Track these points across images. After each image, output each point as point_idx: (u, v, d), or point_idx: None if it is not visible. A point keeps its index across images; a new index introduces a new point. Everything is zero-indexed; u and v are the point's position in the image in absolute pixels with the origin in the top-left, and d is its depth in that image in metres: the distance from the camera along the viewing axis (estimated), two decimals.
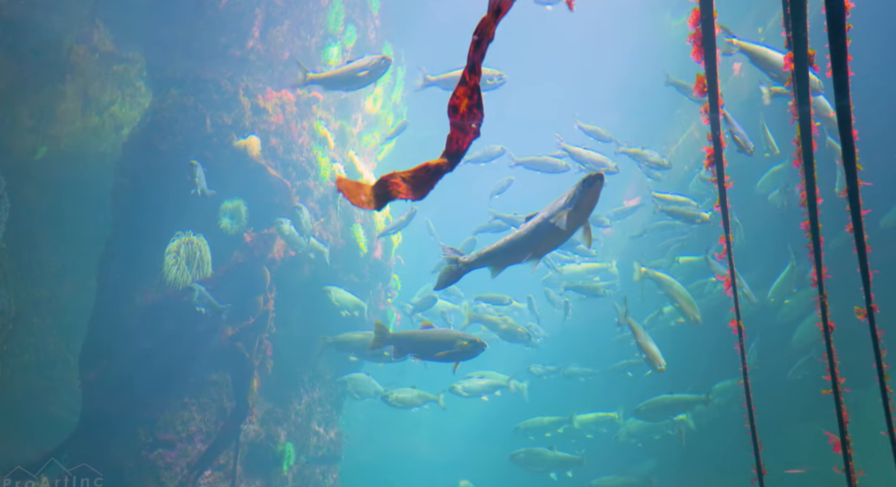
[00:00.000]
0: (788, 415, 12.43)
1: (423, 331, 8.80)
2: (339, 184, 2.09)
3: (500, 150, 12.35)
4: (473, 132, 1.89)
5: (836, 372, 3.20)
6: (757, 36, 12.88)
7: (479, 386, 14.72)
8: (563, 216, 4.65)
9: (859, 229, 2.71)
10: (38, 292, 14.62)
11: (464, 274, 5.53)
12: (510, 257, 5.24)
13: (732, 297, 4.10)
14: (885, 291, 3.59)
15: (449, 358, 8.53)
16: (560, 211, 4.68)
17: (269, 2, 13.00)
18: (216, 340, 12.19)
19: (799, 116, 3.20)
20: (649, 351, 9.91)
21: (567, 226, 4.67)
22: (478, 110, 1.89)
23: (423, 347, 8.71)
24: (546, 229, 4.82)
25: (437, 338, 8.60)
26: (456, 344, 8.39)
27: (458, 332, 8.68)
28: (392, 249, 16.20)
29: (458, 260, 5.44)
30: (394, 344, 8.90)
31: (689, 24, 3.66)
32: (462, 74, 1.91)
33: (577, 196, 4.63)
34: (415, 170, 1.96)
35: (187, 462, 11.47)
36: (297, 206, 12.30)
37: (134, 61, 13.93)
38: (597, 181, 4.59)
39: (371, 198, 2.02)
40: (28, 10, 11.92)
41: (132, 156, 12.25)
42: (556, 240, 4.94)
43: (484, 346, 8.47)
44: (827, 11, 2.50)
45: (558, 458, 14.64)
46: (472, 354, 8.52)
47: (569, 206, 4.63)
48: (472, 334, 8.63)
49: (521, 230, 5.09)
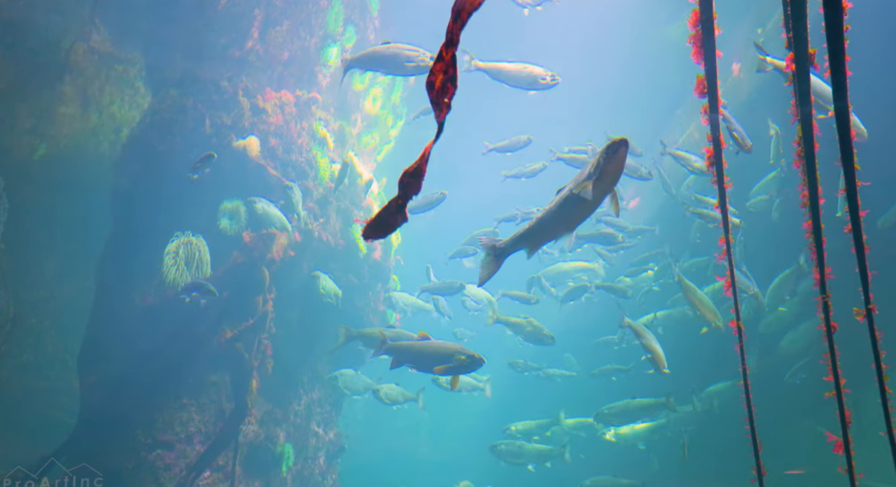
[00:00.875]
0: (785, 416, 12.43)
1: (421, 343, 8.74)
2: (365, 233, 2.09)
3: (526, 140, 12.21)
4: (447, 107, 1.88)
5: (839, 373, 3.19)
6: (756, 37, 12.88)
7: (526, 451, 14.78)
8: (588, 186, 4.51)
9: (858, 230, 2.70)
10: (37, 293, 14.59)
11: (504, 260, 5.37)
12: (544, 234, 5.12)
13: (732, 299, 4.09)
14: (883, 292, 3.59)
15: (446, 371, 8.47)
16: (585, 181, 4.54)
17: (269, 2, 12.99)
18: (215, 341, 12.18)
19: (800, 117, 3.20)
20: (654, 352, 9.90)
21: (593, 196, 4.53)
22: (451, 84, 1.88)
23: (420, 359, 8.64)
24: (573, 202, 4.69)
25: (435, 351, 8.54)
26: (454, 358, 8.33)
27: (456, 346, 8.60)
28: (391, 250, 16.20)
29: (495, 247, 5.27)
30: (391, 354, 8.82)
31: (689, 26, 3.66)
32: (439, 49, 1.90)
33: (601, 164, 4.47)
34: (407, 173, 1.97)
35: (186, 463, 11.45)
36: (288, 186, 12.16)
37: (133, 62, 13.92)
38: (621, 147, 4.41)
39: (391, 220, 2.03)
40: (27, 10, 11.91)
41: (131, 157, 12.24)
42: (585, 212, 4.79)
43: (482, 362, 8.41)
44: (825, 12, 2.49)
45: (537, 450, 14.80)
46: (470, 369, 8.47)
47: (593, 176, 4.49)
48: (470, 348, 8.54)
49: (550, 206, 4.95)
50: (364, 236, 2.05)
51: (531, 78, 8.94)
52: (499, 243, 5.29)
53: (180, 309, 11.72)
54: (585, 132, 12.48)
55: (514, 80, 9.02)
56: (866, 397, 3.70)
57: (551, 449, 14.86)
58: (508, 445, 14.75)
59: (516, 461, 14.88)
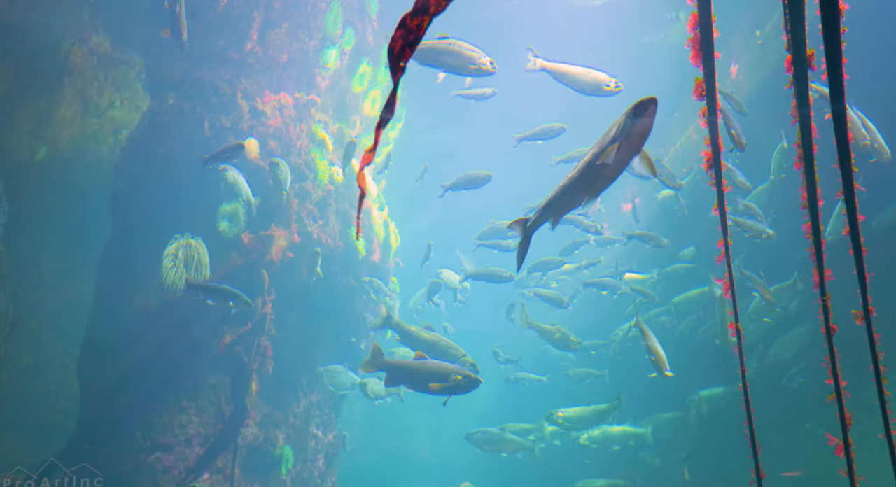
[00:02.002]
0: (785, 419, 12.45)
1: (417, 362, 8.67)
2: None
3: (559, 128, 12.05)
4: (401, 70, 1.89)
5: (839, 375, 3.19)
6: (755, 39, 12.90)
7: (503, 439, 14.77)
8: (612, 151, 4.18)
9: (856, 232, 2.70)
10: (37, 295, 14.58)
11: (532, 236, 5.18)
12: (568, 203, 4.85)
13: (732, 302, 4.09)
14: (880, 293, 3.59)
15: (442, 391, 8.39)
16: (609, 145, 4.21)
17: (268, 5, 13.00)
18: (214, 343, 12.19)
19: (799, 119, 3.20)
20: (657, 355, 9.93)
21: (618, 160, 4.22)
22: (409, 49, 1.88)
23: (416, 378, 8.56)
24: (596, 167, 4.38)
25: (431, 370, 8.47)
26: (451, 378, 8.27)
27: (452, 366, 8.55)
28: (390, 252, 16.20)
29: (524, 225, 5.08)
30: (387, 372, 8.74)
31: (688, 29, 3.66)
32: (403, 16, 1.90)
33: (627, 125, 4.12)
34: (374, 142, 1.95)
35: (185, 465, 11.45)
36: (273, 162, 11.91)
37: (132, 64, 13.92)
38: (650, 106, 4.05)
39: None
40: (26, 13, 11.92)
41: (130, 160, 12.24)
42: (610, 177, 4.48)
43: (479, 382, 8.35)
44: (822, 14, 2.50)
45: (511, 440, 14.86)
46: (467, 389, 8.37)
47: (618, 139, 4.14)
48: (466, 369, 8.50)
49: (573, 173, 4.66)
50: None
51: (596, 84, 8.72)
52: (528, 220, 5.11)
53: (179, 312, 11.72)
54: (584, 133, 12.45)
55: (578, 85, 8.76)
56: (864, 399, 3.70)
57: (524, 442, 14.96)
58: (484, 433, 14.80)
59: (491, 449, 14.91)
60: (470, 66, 8.32)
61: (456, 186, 12.41)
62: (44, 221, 13.94)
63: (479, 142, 21.33)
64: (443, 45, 8.33)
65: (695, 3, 3.59)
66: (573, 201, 4.81)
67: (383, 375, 8.94)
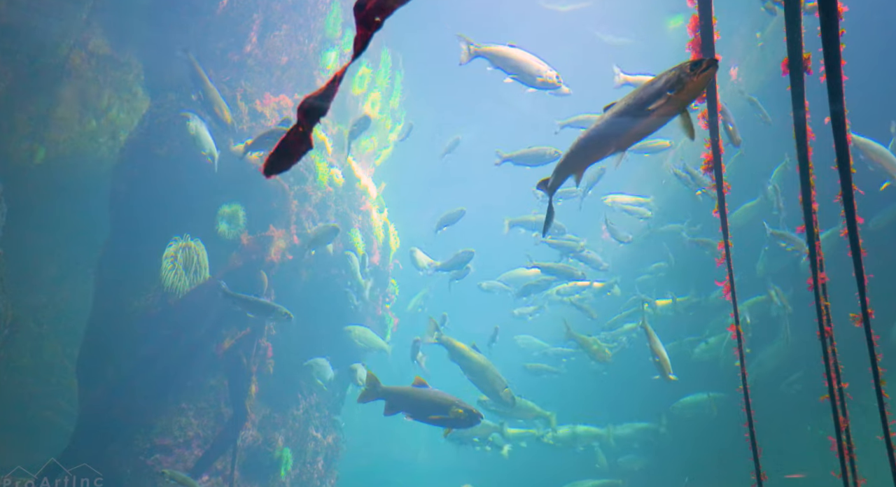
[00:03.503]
0: (778, 422, 12.49)
1: (417, 390, 8.47)
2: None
3: (553, 154, 12.15)
4: (377, 26, 1.78)
5: (833, 378, 3.19)
6: (755, 41, 12.90)
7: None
8: (661, 102, 3.73)
9: (854, 234, 2.70)
10: (36, 297, 14.57)
11: (553, 195, 4.79)
12: (592, 153, 4.30)
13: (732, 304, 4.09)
14: (877, 295, 3.59)
15: (441, 423, 8.24)
16: (657, 97, 3.75)
17: (267, 7, 13.00)
18: (214, 345, 12.18)
19: (794, 120, 3.20)
20: (661, 358, 9.93)
21: (663, 112, 3.81)
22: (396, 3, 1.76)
23: (416, 407, 8.36)
24: (637, 113, 3.89)
25: (431, 400, 8.28)
26: (451, 411, 8.10)
27: (452, 398, 8.32)
28: (390, 254, 16.20)
29: (547, 183, 4.68)
30: (386, 400, 8.50)
31: (689, 31, 3.66)
32: None
33: (685, 77, 3.66)
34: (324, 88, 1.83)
35: (184, 467, 11.43)
36: (184, 115, 11.47)
37: (131, 66, 13.91)
38: (711, 67, 3.66)
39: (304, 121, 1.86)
40: (25, 14, 11.92)
41: (130, 161, 12.24)
42: (646, 130, 3.97)
43: (479, 417, 8.19)
44: (820, 16, 2.50)
45: (484, 425, 14.69)
46: (467, 424, 8.22)
47: (670, 91, 3.69)
48: (468, 402, 8.28)
49: (604, 118, 4.10)
50: (266, 172, 1.85)
51: (534, 72, 8.57)
52: (548, 180, 4.70)
53: (179, 313, 11.71)
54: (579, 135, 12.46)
55: (514, 69, 8.60)
56: (862, 400, 3.70)
57: (494, 425, 14.93)
58: None
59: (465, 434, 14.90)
60: (537, 78, 8.38)
61: (517, 160, 12.50)
62: (43, 223, 13.94)
63: (477, 145, 21.32)
64: (513, 54, 8.42)
65: (695, 6, 3.59)
66: (600, 151, 4.25)
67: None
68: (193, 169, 12.18)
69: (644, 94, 3.80)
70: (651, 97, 3.74)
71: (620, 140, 4.06)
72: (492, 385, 10.07)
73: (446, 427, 8.35)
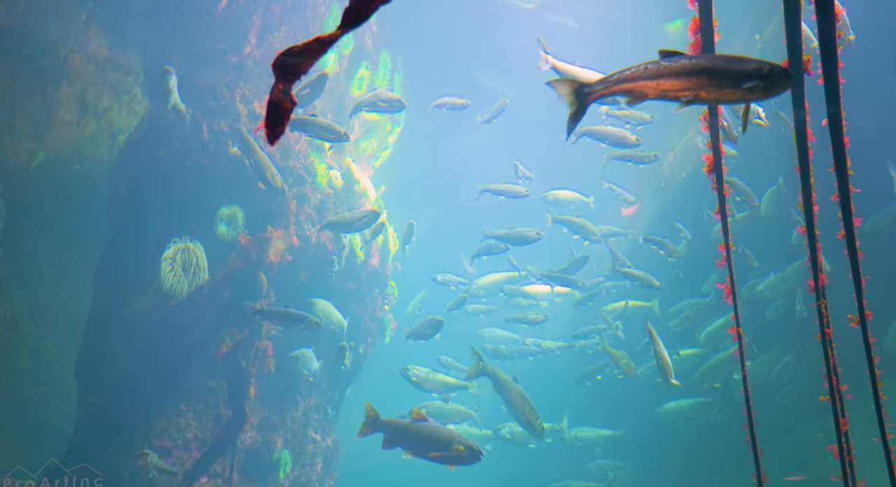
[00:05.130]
0: (785, 425, 12.52)
1: (417, 425, 8.28)
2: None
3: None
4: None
5: (833, 380, 3.18)
6: (754, 43, 12.91)
7: (435, 380, 14.20)
8: (756, 87, 3.27)
9: (851, 236, 2.70)
10: (35, 299, 14.57)
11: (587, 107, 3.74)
12: (664, 84, 3.53)
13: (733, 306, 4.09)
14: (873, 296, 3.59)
15: (441, 460, 8.10)
16: (749, 78, 3.29)
17: (267, 9, 13.00)
18: (213, 347, 12.17)
19: (794, 122, 3.20)
20: (665, 362, 9.98)
21: (733, 95, 3.37)
22: None
23: (416, 443, 8.22)
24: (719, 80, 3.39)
25: (431, 436, 8.16)
26: (452, 448, 7.96)
27: (453, 434, 8.22)
28: (389, 256, 16.18)
29: (582, 90, 3.64)
30: (385, 433, 8.33)
31: (689, 34, 3.66)
32: None
33: (775, 79, 3.24)
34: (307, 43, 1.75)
35: (183, 469, 11.42)
36: (166, 70, 11.07)
37: (131, 68, 13.92)
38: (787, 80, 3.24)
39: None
40: (24, 16, 11.93)
41: (129, 163, 12.23)
42: (717, 97, 3.48)
43: (480, 455, 8.04)
44: (817, 19, 2.50)
45: (457, 410, 14.94)
46: (468, 462, 8.06)
47: (759, 81, 3.26)
48: (470, 439, 8.15)
49: (682, 61, 3.49)
50: (269, 140, 1.79)
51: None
52: (586, 84, 3.66)
53: (178, 315, 11.71)
54: (580, 138, 12.44)
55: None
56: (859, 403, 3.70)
57: (468, 411, 15.06)
58: (430, 407, 14.61)
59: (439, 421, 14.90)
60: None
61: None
62: (42, 225, 13.94)
63: (479, 145, 21.34)
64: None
65: (696, 8, 3.59)
66: (666, 87, 3.57)
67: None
68: (192, 170, 12.19)
69: (732, 66, 3.39)
70: (741, 74, 3.34)
71: (693, 91, 3.50)
72: (527, 416, 10.27)
73: (447, 464, 8.16)
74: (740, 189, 10.84)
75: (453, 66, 18.84)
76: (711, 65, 3.41)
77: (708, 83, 3.39)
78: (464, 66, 19.46)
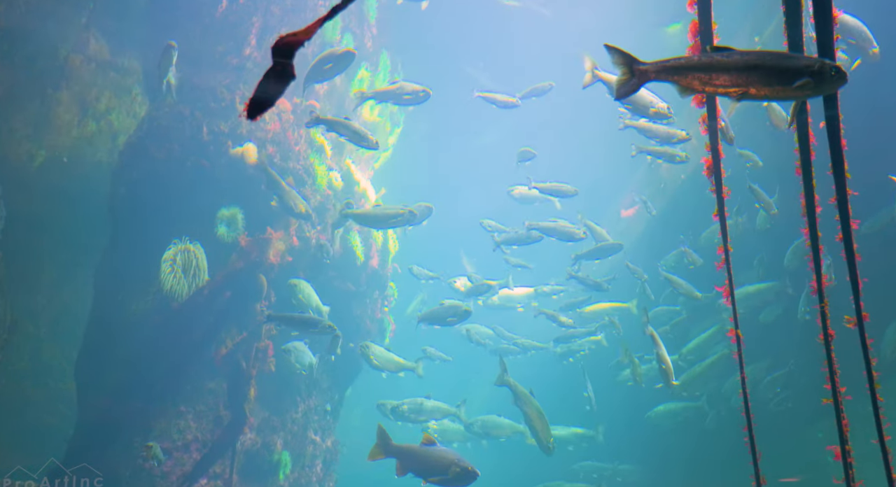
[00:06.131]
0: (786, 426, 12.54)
1: (423, 450, 8.68)
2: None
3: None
4: None
5: (836, 382, 3.19)
6: (754, 45, 12.93)
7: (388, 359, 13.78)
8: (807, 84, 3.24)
9: (849, 238, 2.71)
10: (35, 300, 14.57)
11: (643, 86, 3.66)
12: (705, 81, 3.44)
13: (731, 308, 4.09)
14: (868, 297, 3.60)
15: (439, 483, 8.46)
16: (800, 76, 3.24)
17: (267, 10, 13.02)
18: (213, 348, 12.18)
19: (797, 125, 3.21)
20: (666, 364, 10.01)
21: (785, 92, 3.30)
22: None
23: (422, 467, 8.60)
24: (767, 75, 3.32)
25: (434, 460, 8.51)
26: (450, 471, 8.32)
27: (453, 457, 8.52)
28: (389, 258, 16.19)
29: (639, 68, 3.47)
30: (398, 459, 8.72)
31: (689, 37, 3.66)
32: None
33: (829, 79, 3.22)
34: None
35: (183, 471, 11.43)
36: (170, 46, 10.92)
37: (131, 69, 13.93)
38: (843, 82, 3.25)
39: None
40: (24, 17, 11.93)
41: (129, 165, 12.25)
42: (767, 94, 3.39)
43: (476, 475, 8.37)
44: (815, 22, 2.51)
45: (437, 407, 14.71)
46: (463, 482, 8.39)
47: (802, 79, 3.23)
48: (467, 460, 8.49)
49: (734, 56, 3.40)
50: (250, 114, 1.81)
51: (646, 102, 8.86)
52: (640, 61, 3.53)
53: (178, 316, 11.71)
54: (580, 140, 12.50)
55: (630, 100, 8.80)
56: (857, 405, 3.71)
57: (450, 408, 14.72)
58: (410, 403, 14.63)
59: (419, 418, 14.86)
60: (650, 109, 8.86)
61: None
62: (42, 226, 13.94)
63: (479, 146, 21.36)
64: None
65: (695, 11, 3.60)
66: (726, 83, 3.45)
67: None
68: (192, 172, 12.20)
69: (783, 63, 3.34)
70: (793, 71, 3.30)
71: (749, 84, 3.40)
72: (540, 433, 10.69)
73: (448, 486, 8.48)
74: (760, 196, 10.92)
75: (454, 66, 18.86)
76: (763, 61, 3.38)
77: (759, 80, 3.34)
78: (464, 65, 19.50)
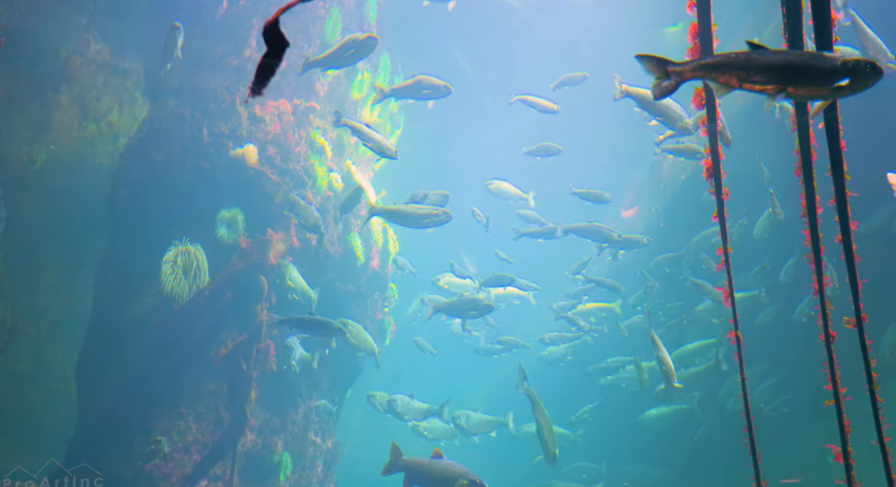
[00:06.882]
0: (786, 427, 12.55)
1: (432, 463, 8.91)
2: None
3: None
4: None
5: (838, 383, 3.19)
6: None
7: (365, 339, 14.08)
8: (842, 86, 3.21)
9: (848, 238, 2.71)
10: (35, 302, 14.57)
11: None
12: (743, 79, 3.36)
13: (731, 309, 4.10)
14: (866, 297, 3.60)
15: None
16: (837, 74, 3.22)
17: (266, 12, 13.01)
18: (213, 350, 12.17)
19: (798, 126, 3.22)
20: (668, 367, 10.01)
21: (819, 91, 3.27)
22: None
23: (429, 480, 8.83)
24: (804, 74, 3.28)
25: (442, 473, 8.74)
26: (457, 484, 8.53)
27: (460, 470, 8.71)
28: (389, 259, 16.20)
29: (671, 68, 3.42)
30: (406, 473, 8.93)
31: (689, 38, 3.67)
32: None
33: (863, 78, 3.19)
34: None
35: (183, 472, 11.43)
36: (175, 26, 10.84)
37: (131, 71, 13.94)
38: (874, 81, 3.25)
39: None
40: (24, 19, 11.94)
41: (129, 166, 12.26)
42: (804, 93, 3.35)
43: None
44: (814, 23, 2.52)
45: (419, 408, 14.88)
46: None
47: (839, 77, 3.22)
48: (474, 473, 8.68)
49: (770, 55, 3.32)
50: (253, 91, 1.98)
51: (676, 115, 8.83)
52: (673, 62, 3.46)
53: (178, 318, 11.71)
54: (580, 141, 12.49)
55: (659, 112, 8.83)
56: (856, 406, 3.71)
57: (430, 407, 14.86)
58: (390, 400, 14.64)
59: (405, 417, 14.87)
60: (678, 123, 8.83)
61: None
62: (42, 228, 13.94)
63: (479, 147, 21.35)
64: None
65: (695, 13, 3.61)
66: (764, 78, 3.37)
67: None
68: (193, 173, 12.20)
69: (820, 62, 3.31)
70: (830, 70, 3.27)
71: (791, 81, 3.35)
72: (549, 446, 10.88)
73: None
74: (774, 202, 11.00)
75: (454, 67, 18.86)
76: (800, 60, 3.35)
77: (796, 78, 3.30)
78: (465, 66, 19.50)
